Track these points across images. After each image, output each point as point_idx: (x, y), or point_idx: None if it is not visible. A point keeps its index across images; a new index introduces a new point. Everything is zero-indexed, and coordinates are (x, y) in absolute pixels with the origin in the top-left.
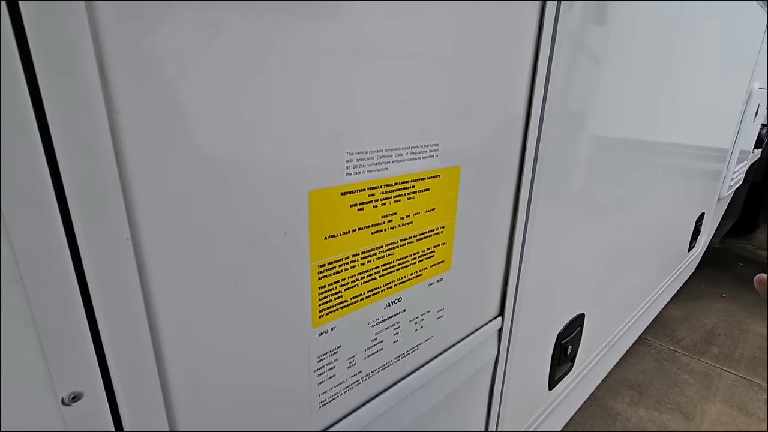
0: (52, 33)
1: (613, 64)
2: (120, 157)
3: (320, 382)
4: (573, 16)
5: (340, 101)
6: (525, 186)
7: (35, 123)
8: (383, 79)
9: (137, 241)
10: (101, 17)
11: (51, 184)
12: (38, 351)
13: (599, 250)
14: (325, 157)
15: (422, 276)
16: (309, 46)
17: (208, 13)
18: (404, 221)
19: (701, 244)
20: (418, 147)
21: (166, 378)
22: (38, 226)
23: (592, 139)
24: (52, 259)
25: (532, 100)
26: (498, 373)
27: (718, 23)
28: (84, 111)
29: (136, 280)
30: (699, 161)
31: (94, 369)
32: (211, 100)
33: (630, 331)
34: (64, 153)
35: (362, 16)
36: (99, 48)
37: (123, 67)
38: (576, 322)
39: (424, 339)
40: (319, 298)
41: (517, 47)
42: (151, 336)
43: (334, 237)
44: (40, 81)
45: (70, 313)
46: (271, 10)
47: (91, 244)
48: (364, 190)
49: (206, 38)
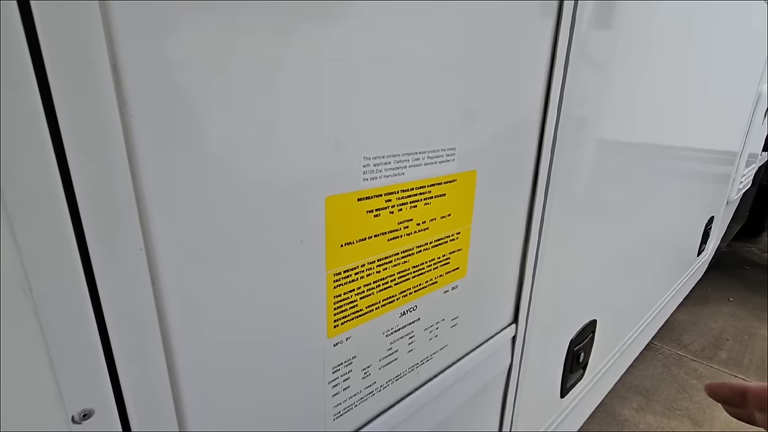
0: (63, 32)
1: (624, 69)
2: (133, 163)
3: (334, 394)
4: (586, 22)
5: (358, 106)
6: (540, 190)
7: (46, 125)
8: (401, 83)
9: (150, 250)
10: (115, 16)
11: (62, 190)
12: (48, 367)
13: (611, 255)
14: (342, 161)
15: (437, 283)
16: (326, 51)
17: (225, 16)
18: (420, 227)
19: (710, 248)
20: (434, 151)
21: (180, 394)
22: (48, 236)
23: (605, 144)
24: (63, 271)
25: (548, 105)
26: (511, 382)
27: (726, 27)
28: (96, 113)
29: (149, 292)
30: (709, 164)
31: (105, 386)
32: (227, 106)
33: (640, 336)
34: (75, 157)
35: (381, 19)
36: (112, 47)
37: (137, 69)
38: (588, 329)
39: (439, 348)
40: (335, 307)
41: (534, 52)
42: (164, 351)
43: (350, 244)
44: (51, 81)
45: (81, 328)
46: (290, 13)
47: (103, 253)
48: (381, 195)
49: (223, 43)
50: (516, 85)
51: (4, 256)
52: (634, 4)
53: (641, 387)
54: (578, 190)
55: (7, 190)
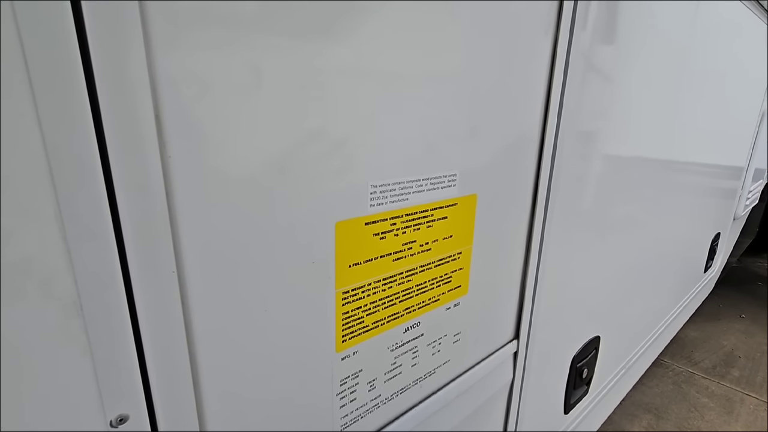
0: (119, 91)
1: (626, 84)
2: (170, 197)
3: (342, 406)
4: (586, 39)
5: (367, 139)
6: (539, 209)
7: (101, 168)
8: (407, 118)
9: (181, 272)
10: (161, 86)
11: (111, 222)
12: (93, 377)
13: (614, 271)
14: (351, 190)
15: (440, 301)
16: (339, 95)
17: (249, 62)
18: (423, 248)
19: (717, 265)
20: (437, 177)
21: (201, 400)
22: (99, 261)
23: (605, 160)
24: (108, 292)
25: (546, 125)
26: (513, 396)
27: (730, 47)
28: (142, 155)
29: (179, 309)
30: (714, 180)
31: (139, 393)
32: (251, 144)
33: (647, 353)
34: (123, 194)
35: (386, 51)
36: (157, 103)
37: (175, 119)
38: (591, 345)
39: (442, 362)
40: (343, 323)
41: (534, 76)
42: (190, 361)
43: (357, 265)
44: (107, 133)
45: (121, 342)
46: (309, 53)
47: (141, 276)
48: (387, 219)
49: (247, 89)
50: (516, 108)
51: (63, 280)
52: (640, 19)
53: (651, 405)
54: (578, 206)
55: (69, 226)
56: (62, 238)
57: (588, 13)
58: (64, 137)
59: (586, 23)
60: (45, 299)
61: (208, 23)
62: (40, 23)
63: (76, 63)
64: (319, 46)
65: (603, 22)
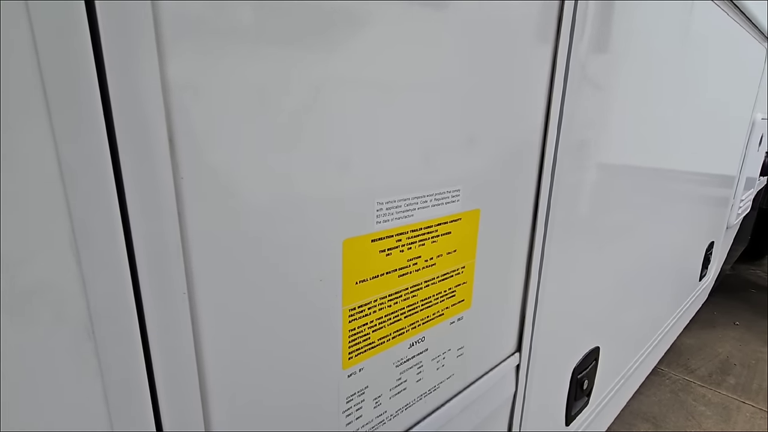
0: (132, 115)
1: (621, 94)
2: (182, 219)
3: (348, 423)
4: (583, 49)
5: (373, 158)
6: (540, 222)
7: (116, 194)
8: (412, 136)
9: (192, 294)
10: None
11: (124, 247)
12: (103, 401)
13: (612, 282)
14: (358, 208)
15: (444, 315)
16: (347, 117)
17: (255, 85)
18: (428, 263)
19: (712, 273)
20: (441, 193)
21: (210, 422)
22: (112, 285)
23: (604, 171)
24: (121, 315)
25: (546, 137)
26: (516, 409)
27: (720, 58)
28: (155, 177)
29: (189, 332)
30: (707, 189)
31: (148, 417)
32: (261, 167)
33: (645, 362)
34: (136, 218)
35: (392, 69)
36: (170, 126)
37: (188, 141)
38: (591, 356)
39: (446, 377)
40: (349, 340)
41: (534, 87)
42: (199, 385)
43: (364, 281)
44: (121, 157)
45: (132, 365)
46: (312, 74)
47: (153, 298)
48: (392, 236)
49: (252, 111)
50: (518, 120)
51: (76, 305)
52: (635, 32)
53: (649, 414)
54: (578, 217)
55: (83, 252)
56: (76, 262)
57: (585, 24)
58: (80, 164)
59: (583, 35)
60: (57, 323)
61: (221, 45)
62: (61, 69)
63: (92, 85)
64: (324, 57)
65: (600, 34)
